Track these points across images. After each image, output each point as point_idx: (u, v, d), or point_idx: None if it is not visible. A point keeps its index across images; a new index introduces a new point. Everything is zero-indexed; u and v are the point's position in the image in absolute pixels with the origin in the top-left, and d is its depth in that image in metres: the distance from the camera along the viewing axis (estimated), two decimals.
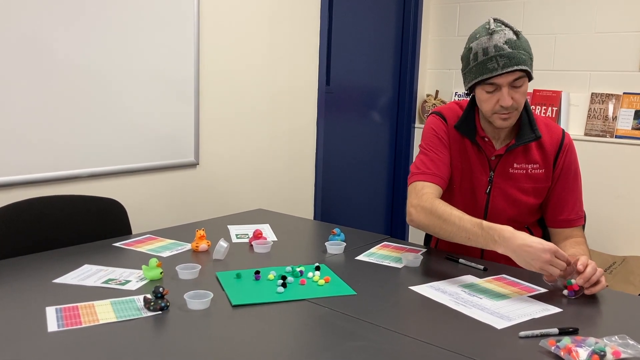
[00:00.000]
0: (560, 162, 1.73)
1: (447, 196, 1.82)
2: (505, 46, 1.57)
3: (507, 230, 1.45)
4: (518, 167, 1.73)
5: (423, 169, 1.72)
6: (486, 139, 1.73)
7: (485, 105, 1.65)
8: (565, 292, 1.42)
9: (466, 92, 1.71)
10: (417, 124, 3.89)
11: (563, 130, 1.77)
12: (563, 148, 1.74)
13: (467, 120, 1.75)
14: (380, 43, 3.63)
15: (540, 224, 1.85)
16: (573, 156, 1.76)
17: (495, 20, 1.62)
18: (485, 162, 1.75)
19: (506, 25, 1.61)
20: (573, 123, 3.34)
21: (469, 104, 1.77)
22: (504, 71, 1.57)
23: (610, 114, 3.19)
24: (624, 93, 3.16)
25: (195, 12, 2.41)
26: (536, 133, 1.70)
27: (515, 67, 1.57)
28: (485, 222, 1.50)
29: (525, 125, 1.71)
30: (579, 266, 1.39)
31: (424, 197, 1.64)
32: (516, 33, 1.59)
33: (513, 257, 1.44)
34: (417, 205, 1.64)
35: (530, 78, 1.64)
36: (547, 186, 1.75)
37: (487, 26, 1.60)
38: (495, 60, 1.57)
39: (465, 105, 1.79)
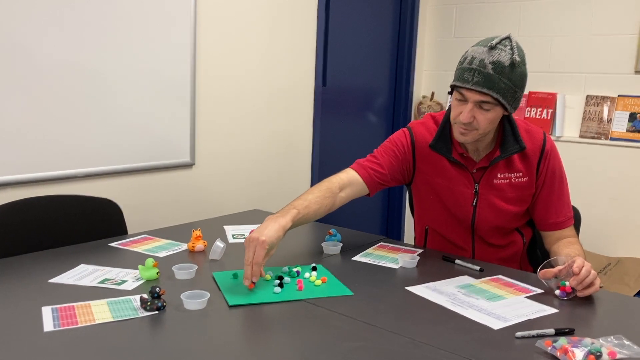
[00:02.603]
0: (544, 169, 1.71)
1: (432, 212, 1.83)
2: (490, 67, 1.52)
3: (271, 217, 1.51)
4: (502, 177, 1.71)
5: (360, 161, 1.79)
6: (464, 155, 1.72)
7: (453, 110, 1.64)
8: (557, 292, 1.42)
9: (449, 92, 1.67)
10: None
11: (544, 133, 1.74)
12: (545, 154, 1.71)
13: (442, 137, 1.73)
14: (377, 44, 3.63)
15: (530, 225, 1.85)
16: (556, 160, 1.74)
17: (505, 38, 1.56)
18: (468, 175, 1.73)
19: (511, 49, 1.54)
20: (568, 125, 3.35)
21: (444, 119, 1.74)
22: (473, 88, 1.54)
23: (605, 116, 3.21)
24: (619, 95, 3.18)
25: (191, 12, 2.41)
26: (520, 144, 1.67)
27: (485, 91, 1.53)
28: (290, 208, 1.57)
29: (508, 136, 1.68)
30: (575, 268, 1.39)
31: (331, 178, 1.72)
32: (513, 61, 1.52)
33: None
34: None
35: (506, 109, 1.59)
36: (532, 193, 1.73)
37: (493, 40, 1.55)
38: (472, 73, 1.54)
39: (441, 118, 1.76)
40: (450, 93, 1.66)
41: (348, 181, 1.72)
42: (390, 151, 1.78)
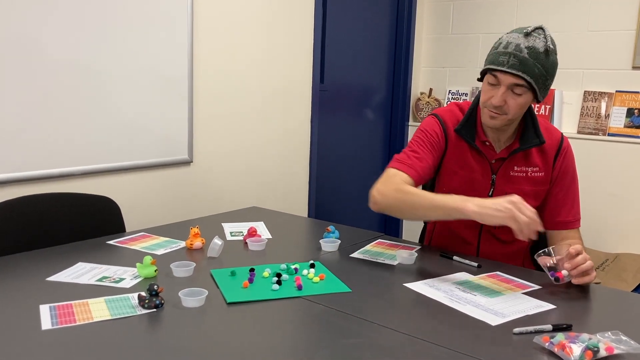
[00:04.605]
0: (558, 164, 1.74)
1: None
2: (525, 51, 1.55)
3: (474, 198, 1.47)
4: (518, 170, 1.73)
5: (402, 159, 1.72)
6: (487, 143, 1.74)
7: (483, 95, 1.66)
8: (553, 279, 1.45)
9: (478, 78, 1.69)
10: (411, 122, 3.89)
11: (562, 134, 1.79)
12: (561, 151, 1.75)
13: (468, 124, 1.74)
14: (375, 41, 3.63)
15: None
16: (571, 159, 1.77)
17: (539, 28, 1.59)
18: (487, 165, 1.74)
19: (545, 37, 1.58)
20: (566, 121, 3.36)
21: (472, 106, 1.76)
22: (508, 70, 1.56)
23: (602, 112, 3.21)
24: (617, 91, 3.18)
25: (189, 9, 2.40)
26: (540, 138, 1.70)
27: (520, 73, 1.55)
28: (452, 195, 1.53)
29: (529, 129, 1.72)
30: (571, 249, 1.42)
31: (391, 182, 1.64)
32: (547, 49, 1.57)
33: (479, 212, 1.43)
34: (381, 190, 1.63)
35: (536, 97, 1.61)
36: (546, 189, 1.76)
37: (528, 28, 1.59)
38: (507, 57, 1.56)
39: (467, 107, 1.78)
40: (480, 79, 1.68)
41: (409, 185, 1.67)
42: (428, 146, 1.75)
